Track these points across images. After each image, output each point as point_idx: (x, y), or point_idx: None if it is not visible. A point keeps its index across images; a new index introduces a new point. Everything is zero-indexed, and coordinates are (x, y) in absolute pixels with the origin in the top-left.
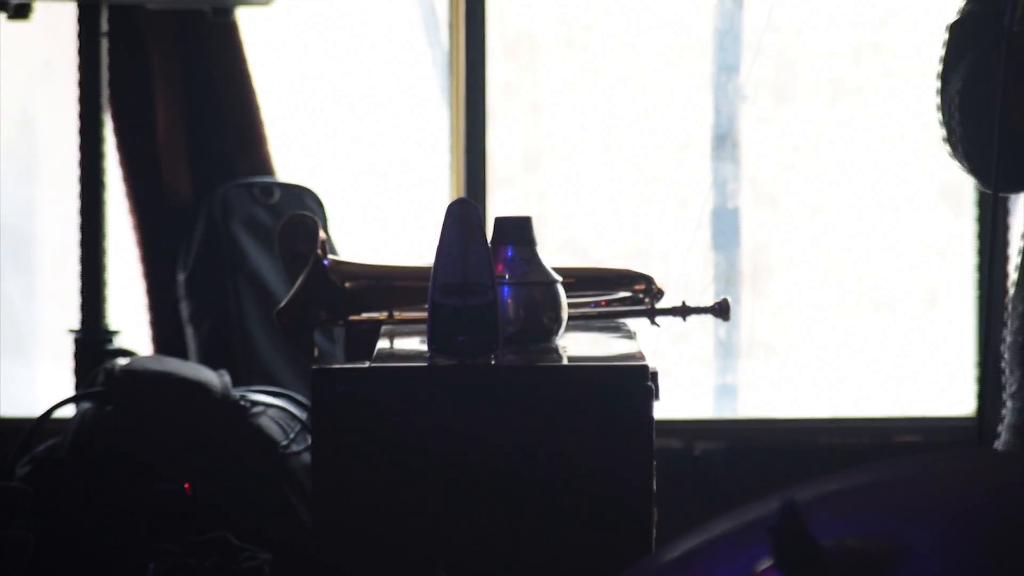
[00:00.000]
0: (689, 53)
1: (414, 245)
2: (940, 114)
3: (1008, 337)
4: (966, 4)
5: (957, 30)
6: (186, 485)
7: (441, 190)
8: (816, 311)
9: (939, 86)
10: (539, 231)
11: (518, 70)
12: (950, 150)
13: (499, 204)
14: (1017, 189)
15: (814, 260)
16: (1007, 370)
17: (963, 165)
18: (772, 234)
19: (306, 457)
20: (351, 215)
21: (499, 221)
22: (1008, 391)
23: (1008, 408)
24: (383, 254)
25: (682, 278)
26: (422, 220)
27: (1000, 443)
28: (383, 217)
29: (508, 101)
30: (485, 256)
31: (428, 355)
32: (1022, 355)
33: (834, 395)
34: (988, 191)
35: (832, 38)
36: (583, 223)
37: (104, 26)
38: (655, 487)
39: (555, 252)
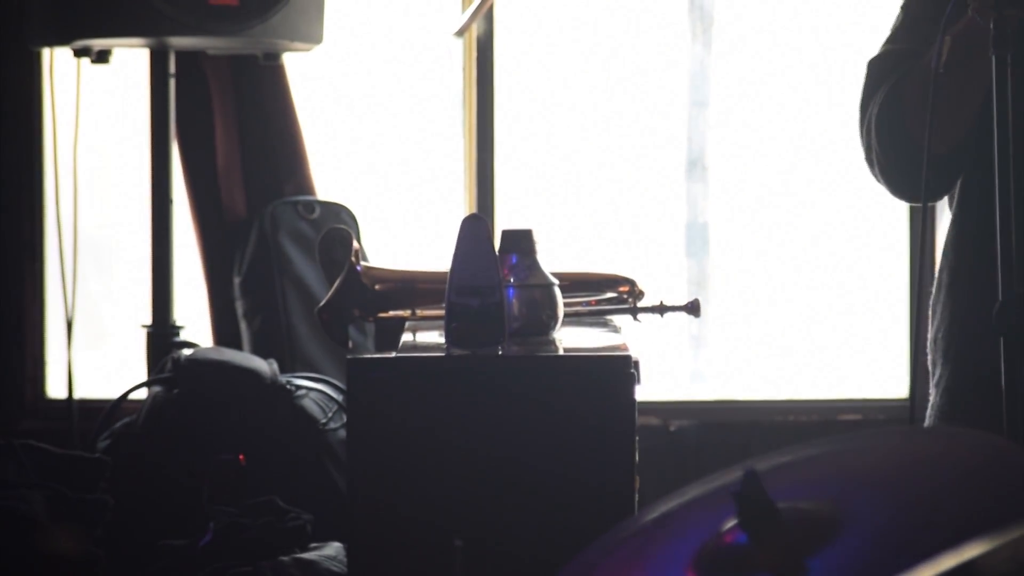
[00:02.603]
0: (666, 91)
1: (433, 253)
2: (861, 136)
3: (931, 335)
4: (884, 45)
5: (875, 66)
6: (240, 456)
7: (456, 206)
8: (773, 308)
9: (860, 112)
10: (538, 241)
11: (522, 105)
12: (868, 166)
13: (505, 218)
14: (930, 198)
15: (772, 265)
16: (931, 362)
17: (879, 178)
18: (736, 244)
19: (342, 433)
20: (380, 228)
21: (505, 233)
22: (933, 381)
23: (933, 395)
24: (407, 261)
25: (660, 281)
26: (440, 232)
27: (927, 425)
28: (407, 229)
29: (514, 131)
30: (493, 263)
31: (445, 346)
32: (944, 351)
33: (788, 380)
34: (902, 201)
35: (784, 79)
36: (577, 233)
37: (172, 68)
38: (637, 458)
39: (552, 258)
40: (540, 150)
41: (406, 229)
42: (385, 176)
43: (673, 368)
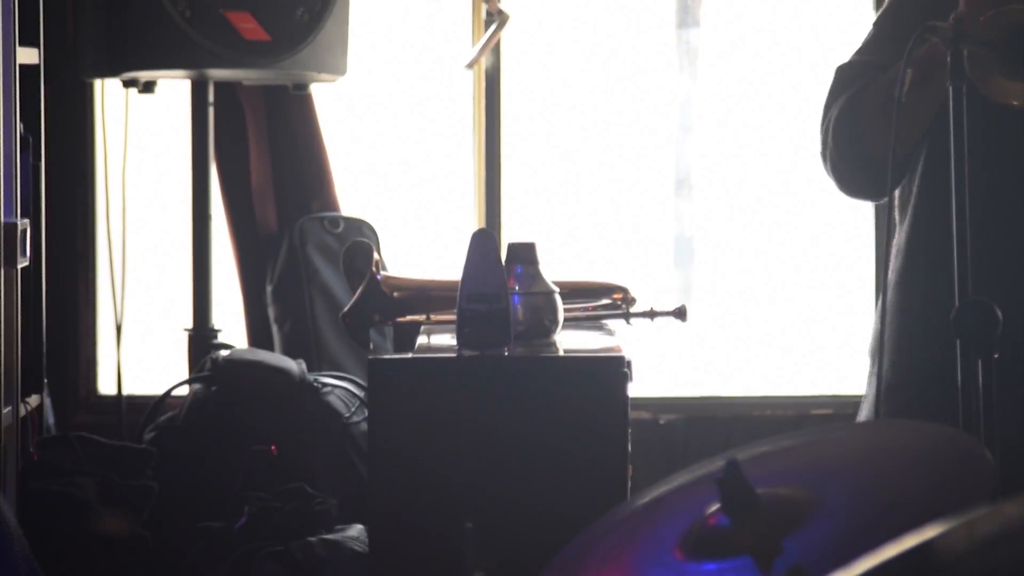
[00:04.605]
0: (656, 117)
1: (446, 264)
2: (820, 132)
3: (875, 328)
4: (853, 54)
5: (842, 72)
6: (272, 447)
7: (467, 221)
8: (753, 313)
9: (823, 111)
10: (541, 253)
11: (526, 130)
12: (821, 160)
13: (511, 232)
14: (875, 197)
15: (752, 274)
16: (871, 352)
17: (829, 173)
18: (719, 255)
19: (364, 426)
20: (398, 241)
21: (511, 246)
22: (871, 370)
23: (866, 387)
24: (422, 271)
25: (650, 289)
26: (452, 245)
27: (861, 416)
28: (423, 242)
29: (519, 153)
30: (500, 272)
31: (457, 348)
32: (879, 348)
33: (766, 377)
34: (846, 196)
35: (762, 107)
36: (576, 245)
37: (211, 98)
38: (630, 448)
39: (553, 268)
40: (542, 170)
41: (421, 242)
42: (403, 194)
43: (662, 367)
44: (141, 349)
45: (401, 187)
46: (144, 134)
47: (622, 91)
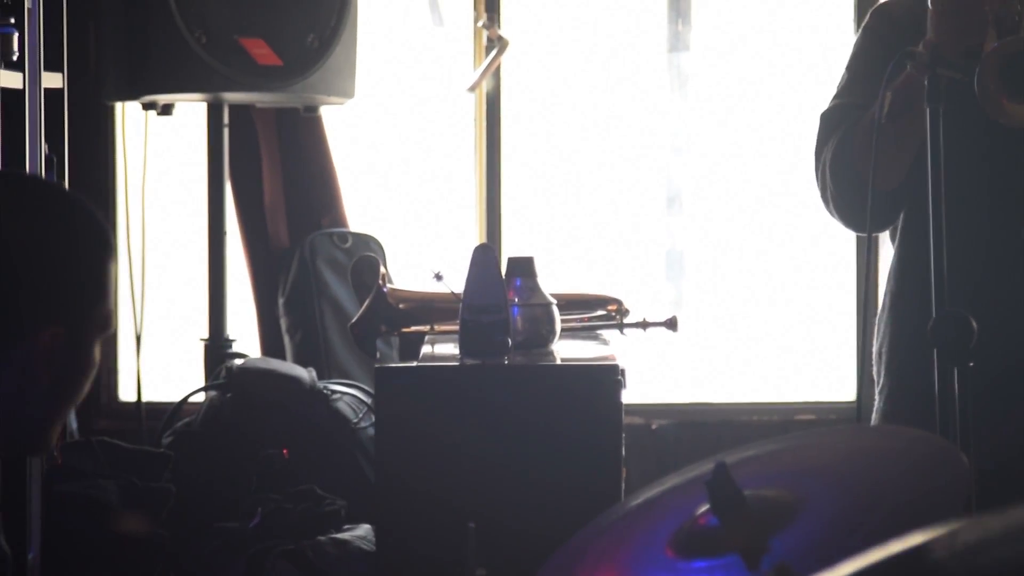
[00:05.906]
0: (649, 137)
1: (449, 277)
2: (816, 178)
3: (875, 349)
4: (832, 100)
5: (826, 118)
6: (284, 451)
7: (468, 236)
8: (740, 323)
9: (815, 157)
10: (539, 266)
11: (525, 149)
12: (824, 204)
13: (510, 246)
14: (877, 229)
15: (740, 286)
16: (876, 373)
17: (833, 214)
18: (709, 268)
19: (371, 431)
20: (404, 255)
21: (511, 260)
22: (877, 389)
23: (877, 401)
24: (427, 284)
25: (643, 300)
26: (455, 258)
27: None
28: (427, 256)
29: (518, 171)
30: (500, 285)
31: (459, 357)
32: (887, 364)
33: (753, 385)
34: (855, 232)
35: (749, 128)
36: (572, 259)
37: (226, 119)
38: (623, 452)
39: (550, 281)
40: (540, 187)
41: (426, 256)
42: (408, 210)
43: (654, 375)
44: (159, 358)
45: (406, 204)
46: (162, 154)
47: (616, 112)
